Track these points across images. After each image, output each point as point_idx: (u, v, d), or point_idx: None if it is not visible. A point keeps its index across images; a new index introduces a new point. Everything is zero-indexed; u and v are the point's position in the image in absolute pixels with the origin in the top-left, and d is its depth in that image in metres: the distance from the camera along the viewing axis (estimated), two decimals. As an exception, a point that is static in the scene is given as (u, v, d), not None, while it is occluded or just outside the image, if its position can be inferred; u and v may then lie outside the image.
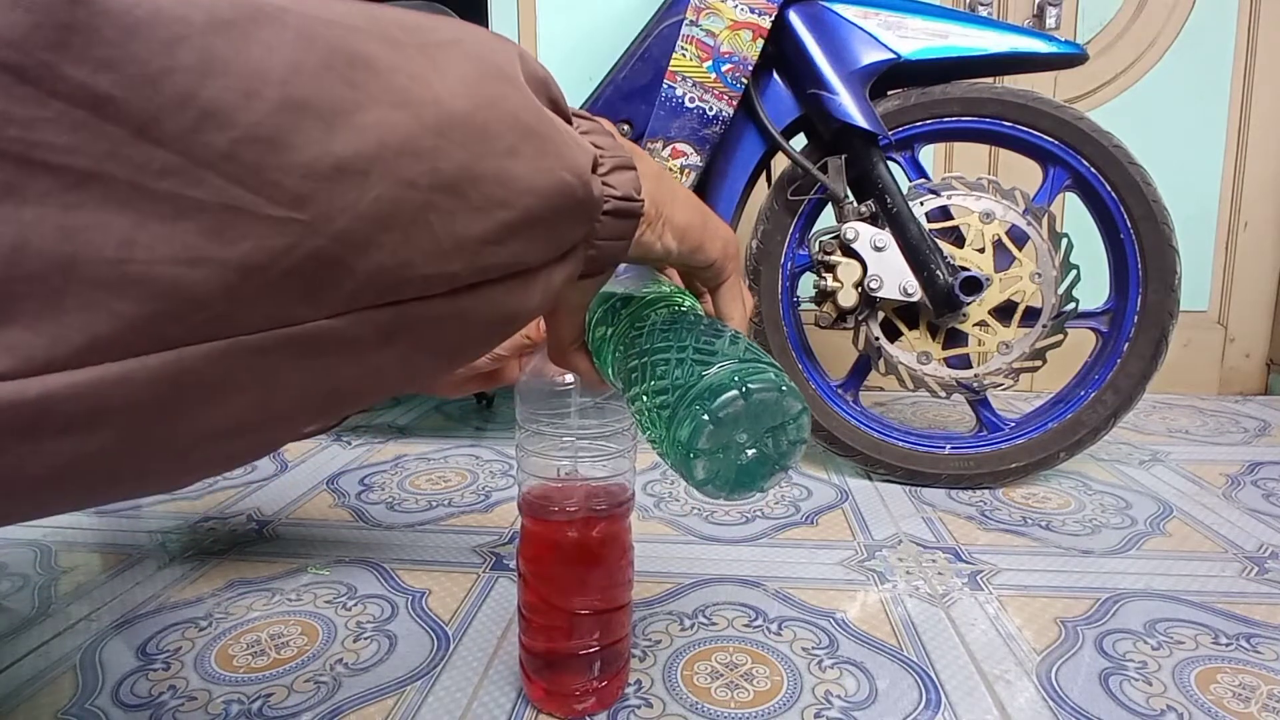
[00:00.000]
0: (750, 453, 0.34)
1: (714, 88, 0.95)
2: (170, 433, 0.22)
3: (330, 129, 0.21)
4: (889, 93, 0.96)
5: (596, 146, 0.32)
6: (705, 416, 0.32)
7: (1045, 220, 0.91)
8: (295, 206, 0.21)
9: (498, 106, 0.26)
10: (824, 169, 0.94)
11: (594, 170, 0.31)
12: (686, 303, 0.41)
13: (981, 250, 0.91)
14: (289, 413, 0.25)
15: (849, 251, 0.93)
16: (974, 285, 0.89)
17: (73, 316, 0.18)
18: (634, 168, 0.33)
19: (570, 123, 0.32)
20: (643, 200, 0.33)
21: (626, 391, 0.38)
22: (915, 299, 0.91)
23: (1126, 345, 0.92)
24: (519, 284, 0.28)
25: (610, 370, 0.40)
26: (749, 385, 0.33)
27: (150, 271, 0.19)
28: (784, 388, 0.33)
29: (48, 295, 0.18)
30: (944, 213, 0.93)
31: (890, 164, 0.94)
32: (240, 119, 0.20)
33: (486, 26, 1.61)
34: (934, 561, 0.77)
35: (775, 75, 0.98)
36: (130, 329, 0.19)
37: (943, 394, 0.96)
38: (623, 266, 0.43)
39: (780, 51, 0.95)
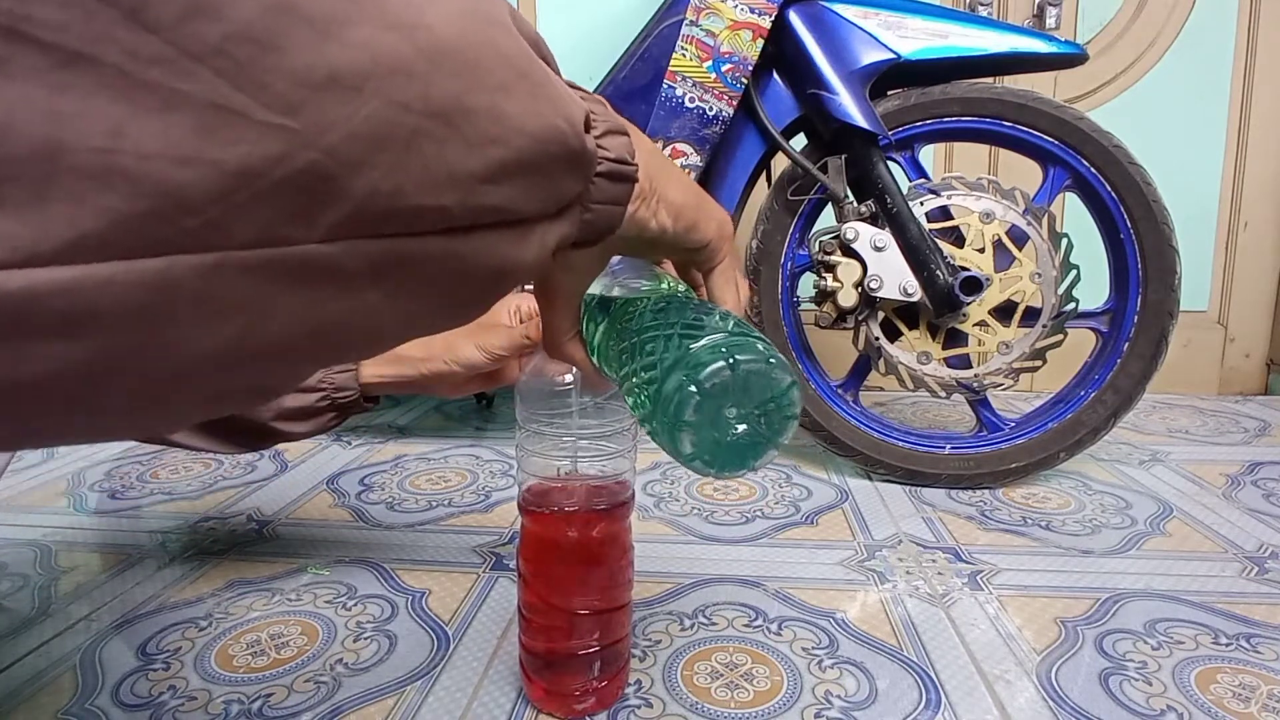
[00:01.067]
0: (740, 428, 0.34)
1: (714, 88, 0.95)
2: (159, 353, 0.21)
3: (323, 38, 0.21)
4: (889, 93, 0.96)
5: (595, 113, 0.32)
6: (692, 388, 0.32)
7: (1045, 220, 0.91)
8: (287, 113, 0.20)
9: (490, 45, 0.26)
10: (824, 169, 0.94)
11: (587, 129, 0.30)
12: (680, 289, 0.41)
13: (981, 250, 0.91)
14: (281, 348, 0.24)
15: (849, 251, 0.93)
16: (974, 285, 0.89)
17: (58, 208, 0.17)
18: (627, 134, 0.33)
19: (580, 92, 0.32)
20: (636, 165, 0.33)
21: (618, 375, 0.37)
22: (915, 299, 0.91)
23: (1126, 345, 0.92)
24: (513, 234, 0.28)
25: (605, 360, 0.39)
26: (736, 356, 0.32)
27: (139, 167, 0.18)
28: (772, 360, 0.33)
29: (33, 182, 0.17)
30: (944, 213, 0.93)
31: (890, 164, 0.94)
32: (230, 14, 0.19)
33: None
34: (934, 561, 0.77)
35: (775, 75, 0.98)
36: (117, 227, 0.18)
37: (943, 394, 0.96)
38: (617, 261, 0.43)
39: (780, 51, 0.95)
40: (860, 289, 0.93)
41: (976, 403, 0.99)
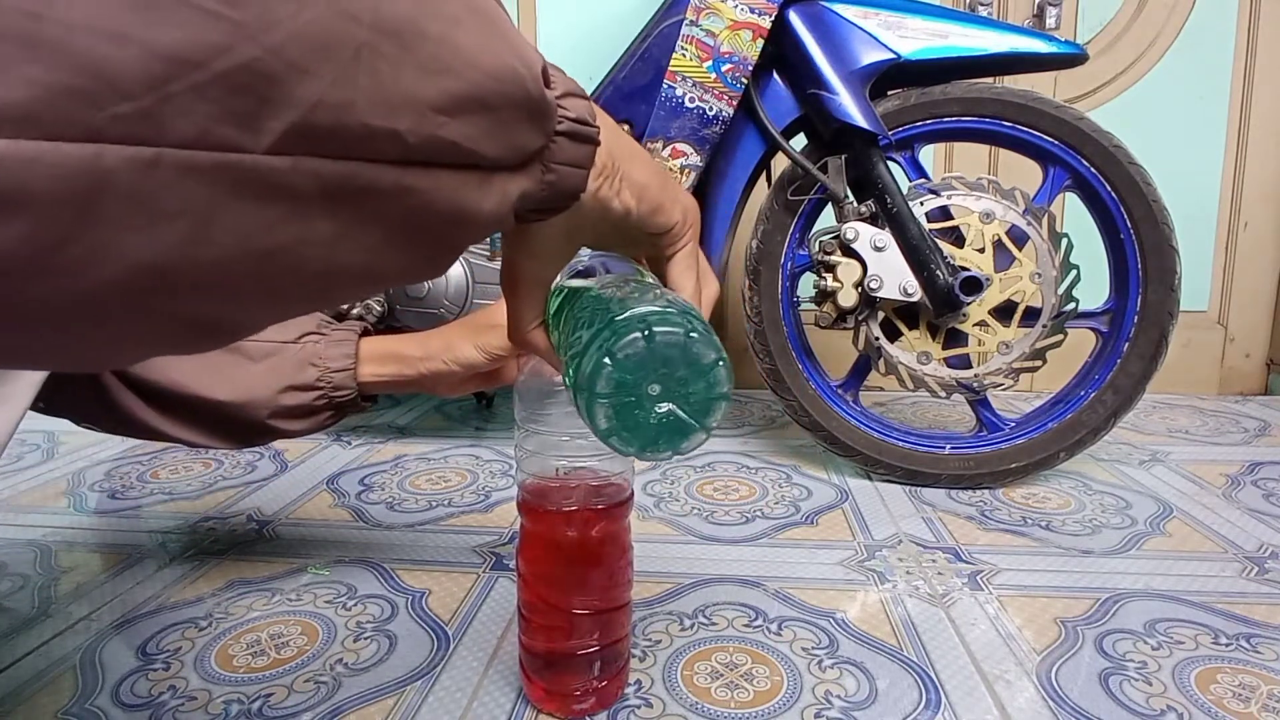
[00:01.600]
0: (663, 407, 0.33)
1: (714, 88, 0.95)
2: (90, 254, 0.19)
3: None
4: (889, 93, 0.96)
5: (554, 75, 0.31)
6: (605, 358, 0.31)
7: (1045, 220, 0.91)
8: (228, 2, 0.20)
9: None
10: (824, 169, 0.94)
11: (546, 85, 0.30)
12: (646, 278, 0.40)
13: (981, 250, 0.91)
14: (226, 274, 0.22)
15: (849, 251, 0.93)
16: (974, 285, 0.89)
17: None
18: (587, 97, 0.33)
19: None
20: (598, 127, 0.32)
21: (564, 356, 0.36)
22: (915, 299, 0.91)
23: (1126, 345, 0.92)
24: (473, 179, 0.27)
25: (561, 347, 0.38)
26: (654, 328, 0.31)
27: (66, 37, 0.17)
28: (694, 334, 0.32)
29: None
30: (944, 213, 0.93)
31: (890, 164, 0.94)
32: None
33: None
34: (934, 561, 0.77)
35: (775, 75, 0.98)
36: (41, 102, 0.17)
37: (943, 394, 0.96)
38: (588, 255, 0.42)
39: (780, 51, 0.95)
40: (860, 289, 0.93)
41: (976, 403, 0.99)
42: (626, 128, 1.00)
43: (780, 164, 1.01)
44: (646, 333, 0.31)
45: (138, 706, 0.55)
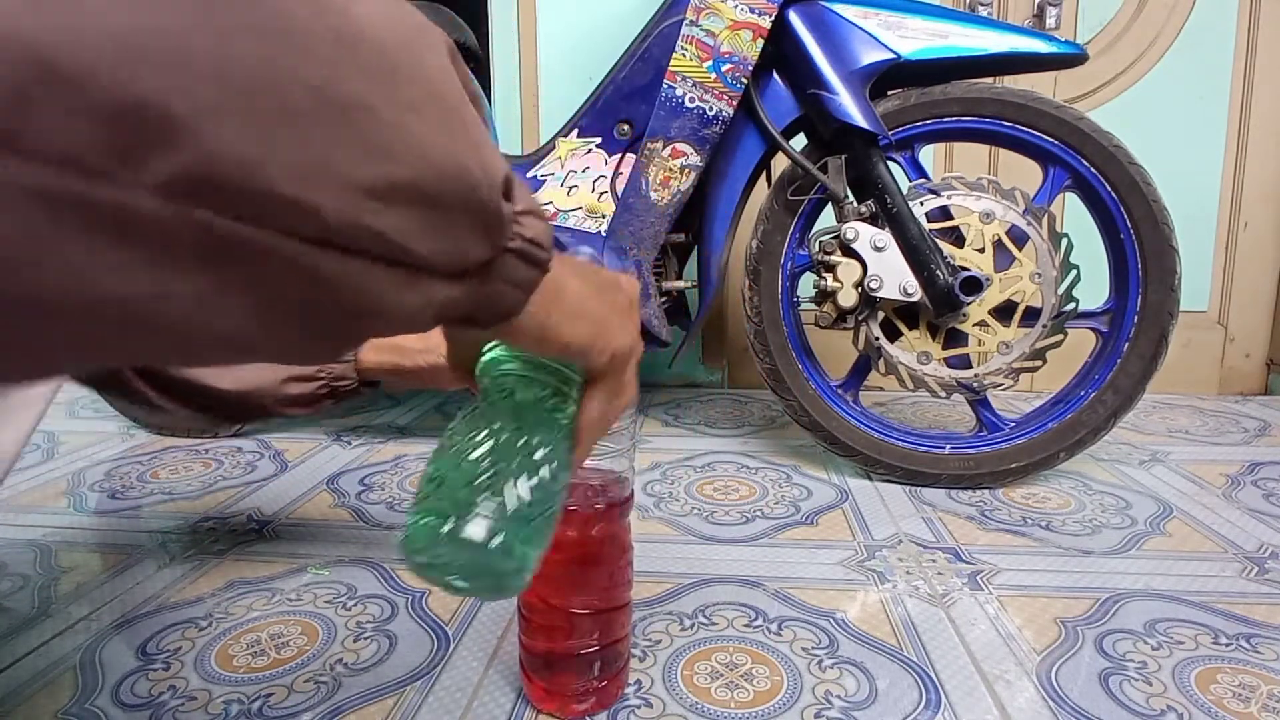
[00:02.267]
0: (459, 582, 0.36)
1: (714, 88, 0.95)
2: None
3: None
4: (889, 93, 0.96)
5: (519, 192, 0.30)
6: (408, 538, 0.36)
7: (1045, 220, 0.91)
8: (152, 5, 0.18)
9: (417, 61, 0.24)
10: (824, 169, 0.94)
11: (507, 196, 0.28)
12: (545, 398, 0.40)
13: (981, 250, 0.91)
14: (63, 308, 0.19)
15: (849, 251, 0.93)
16: (974, 285, 0.89)
17: None
18: (546, 219, 0.31)
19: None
20: (550, 254, 0.31)
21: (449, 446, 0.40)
22: (915, 299, 0.91)
23: (1126, 345, 0.92)
24: (396, 276, 0.24)
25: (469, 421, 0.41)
26: (415, 559, 0.35)
27: None
28: (429, 564, 0.35)
29: None
30: (944, 213, 0.93)
31: (890, 164, 0.94)
32: None
33: (486, 26, 1.60)
34: (934, 561, 0.77)
35: (775, 75, 0.98)
36: None
37: (943, 394, 0.96)
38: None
39: (780, 51, 0.95)
40: (860, 289, 0.93)
41: (976, 403, 0.99)
42: (626, 128, 1.01)
43: (780, 164, 1.01)
44: (408, 552, 0.35)
45: (138, 706, 0.55)
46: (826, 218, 0.99)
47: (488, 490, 0.35)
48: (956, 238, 0.93)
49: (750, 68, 0.93)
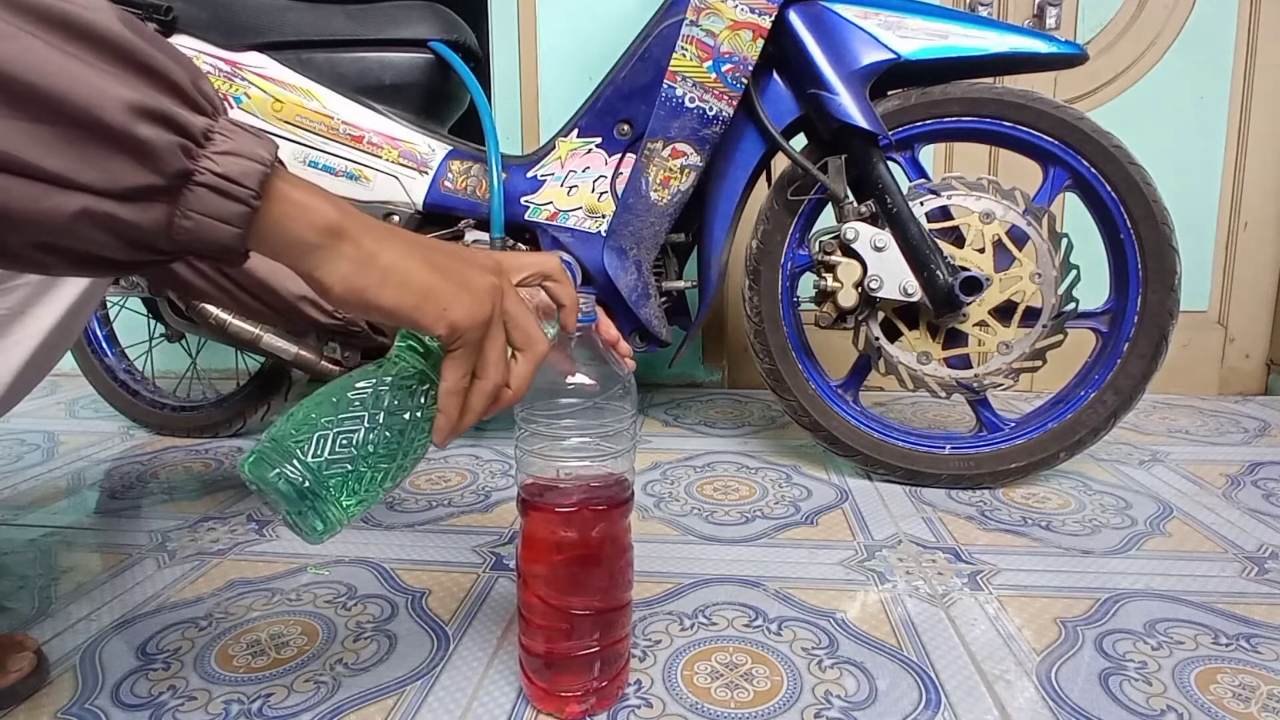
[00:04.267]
0: (282, 508, 0.41)
1: (714, 88, 0.95)
2: None
3: None
4: (889, 93, 0.96)
5: (225, 136, 0.33)
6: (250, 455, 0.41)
7: (1045, 220, 0.91)
8: None
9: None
10: (824, 169, 0.94)
11: (201, 143, 0.32)
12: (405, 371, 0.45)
13: (981, 250, 0.91)
14: None
15: (849, 251, 0.93)
16: (974, 285, 0.89)
17: None
18: (263, 165, 0.34)
19: (214, 116, 0.33)
20: (254, 190, 0.34)
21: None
22: (915, 299, 0.91)
23: (1126, 345, 0.92)
24: (28, 187, 0.29)
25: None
26: (249, 470, 0.41)
27: None
28: (251, 482, 0.41)
29: None
30: (944, 213, 0.93)
31: (890, 164, 0.94)
32: None
33: (486, 26, 1.60)
34: (934, 561, 0.77)
35: (775, 75, 0.98)
36: None
37: (943, 394, 0.96)
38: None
39: (780, 51, 0.95)
40: (860, 289, 0.93)
41: (976, 403, 0.99)
42: (627, 128, 1.01)
43: (780, 164, 1.01)
44: (253, 458, 0.41)
45: (138, 706, 0.55)
46: (826, 218, 0.99)
47: (303, 439, 0.41)
48: (956, 238, 0.93)
49: (750, 68, 0.93)
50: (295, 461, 0.40)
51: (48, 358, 0.55)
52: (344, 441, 0.41)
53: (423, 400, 0.44)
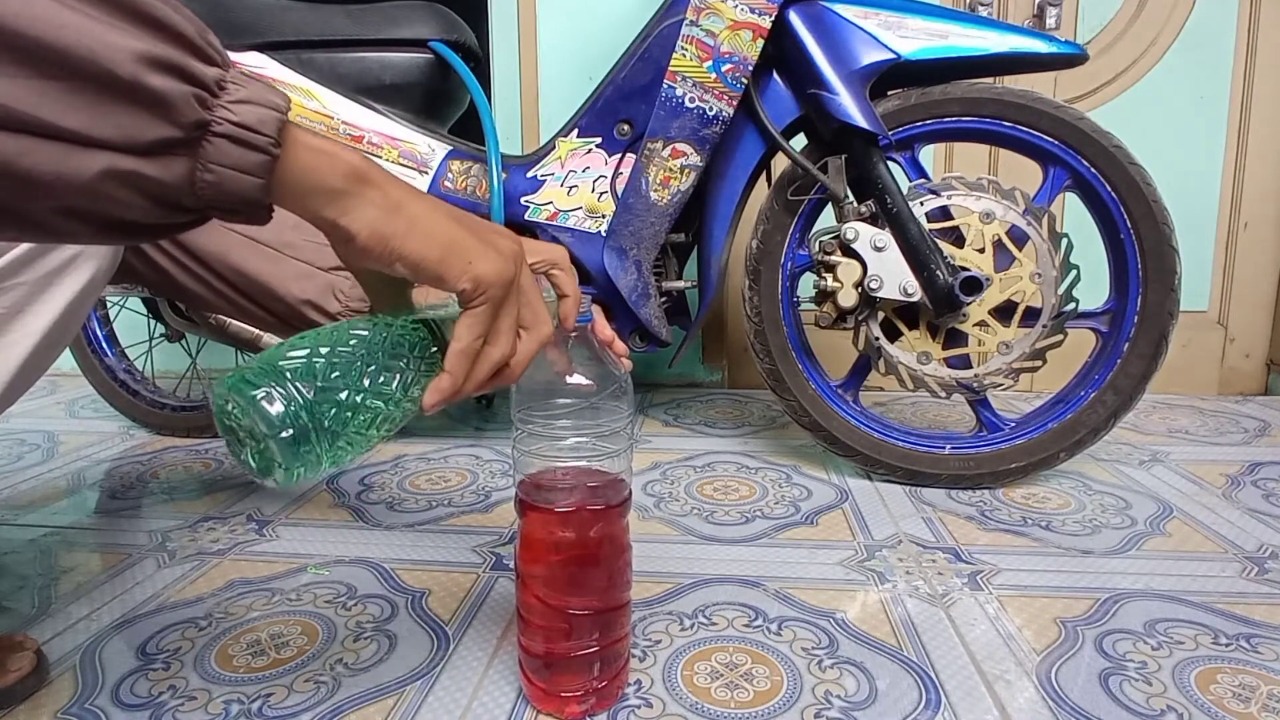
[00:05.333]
0: (249, 445, 0.38)
1: (714, 88, 0.95)
2: None
3: None
4: (889, 93, 0.96)
5: (238, 85, 0.33)
6: (227, 379, 0.38)
7: (1045, 220, 0.91)
8: None
9: None
10: (824, 169, 0.94)
11: (215, 92, 0.32)
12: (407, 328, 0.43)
13: (981, 250, 0.91)
14: None
15: (849, 251, 0.93)
16: (974, 285, 0.89)
17: None
18: (279, 111, 0.33)
19: (224, 67, 0.33)
20: (272, 137, 0.33)
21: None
22: (915, 299, 0.91)
23: (1126, 345, 0.92)
24: (50, 149, 0.28)
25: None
26: (217, 399, 0.38)
27: None
28: (221, 410, 0.37)
29: None
30: (944, 213, 0.93)
31: (890, 164, 0.94)
32: None
33: (486, 26, 1.60)
34: (934, 561, 0.77)
35: (775, 75, 0.98)
36: None
37: (943, 394, 0.96)
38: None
39: (780, 51, 0.95)
40: (860, 289, 0.93)
41: (976, 403, 0.99)
42: (626, 128, 1.01)
43: (780, 164, 1.01)
44: (233, 378, 0.37)
45: (138, 706, 0.55)
46: (826, 218, 0.99)
47: (296, 362, 0.38)
48: (956, 238, 0.93)
49: (750, 68, 0.93)
50: (286, 384, 0.37)
51: (46, 356, 0.55)
52: (340, 372, 0.39)
53: (422, 356, 0.42)
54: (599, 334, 0.53)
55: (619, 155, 1.02)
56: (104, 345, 1.25)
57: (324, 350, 0.39)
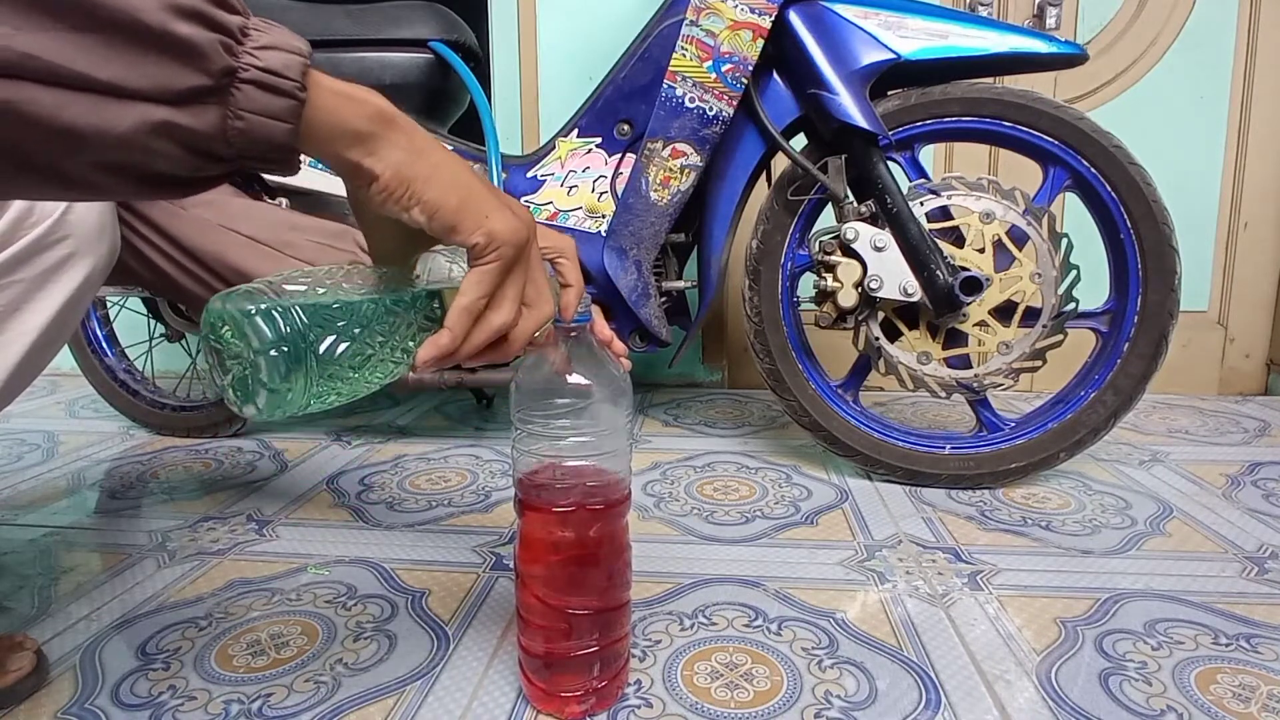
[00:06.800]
0: (233, 369, 0.37)
1: (714, 88, 0.95)
2: None
3: None
4: (889, 93, 0.96)
5: (260, 31, 0.33)
6: (217, 299, 0.37)
7: (1045, 220, 0.91)
8: None
9: None
10: (824, 169, 0.94)
11: (240, 39, 0.32)
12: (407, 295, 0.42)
13: (981, 250, 0.91)
14: None
15: (849, 251, 0.93)
16: (974, 285, 0.89)
17: None
18: (302, 55, 0.33)
19: (245, 14, 0.33)
20: (298, 81, 0.33)
21: None
22: (915, 299, 0.91)
23: (1126, 345, 0.92)
24: (84, 101, 0.29)
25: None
26: (230, 297, 0.37)
27: None
28: (246, 316, 0.36)
29: None
30: (944, 213, 0.93)
31: (890, 164, 0.94)
32: None
33: (486, 26, 1.60)
34: (934, 561, 0.77)
35: (775, 75, 0.98)
36: None
37: (943, 394, 0.96)
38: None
39: (780, 51, 0.95)
40: (860, 289, 0.93)
41: (976, 403, 0.99)
42: (626, 128, 1.01)
43: (780, 164, 1.01)
44: (228, 294, 0.37)
45: (138, 706, 0.55)
46: (826, 218, 0.99)
47: (298, 287, 0.38)
48: (956, 238, 0.93)
49: (750, 68, 0.93)
50: (285, 303, 0.37)
51: (43, 355, 0.55)
52: (340, 305, 0.38)
53: (423, 310, 0.42)
54: (598, 334, 0.53)
55: (619, 155, 1.02)
56: (104, 345, 1.25)
57: (327, 282, 0.39)
